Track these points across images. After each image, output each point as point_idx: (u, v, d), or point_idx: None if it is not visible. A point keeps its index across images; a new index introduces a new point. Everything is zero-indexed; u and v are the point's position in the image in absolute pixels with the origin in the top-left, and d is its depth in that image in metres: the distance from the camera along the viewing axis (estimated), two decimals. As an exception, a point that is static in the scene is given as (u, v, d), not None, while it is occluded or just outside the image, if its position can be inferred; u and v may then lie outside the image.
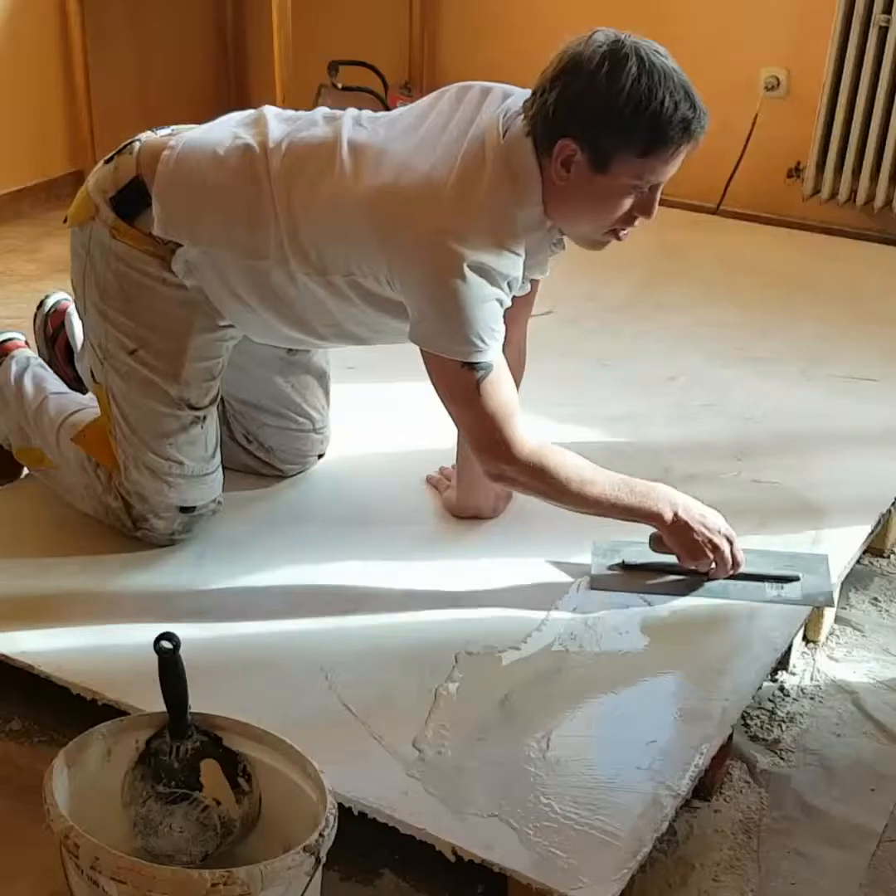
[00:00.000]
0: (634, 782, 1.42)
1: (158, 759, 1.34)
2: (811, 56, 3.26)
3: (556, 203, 1.58)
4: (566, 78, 1.51)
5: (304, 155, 1.64)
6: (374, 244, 1.57)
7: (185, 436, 1.77)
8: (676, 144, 1.53)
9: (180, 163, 1.66)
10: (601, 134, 1.51)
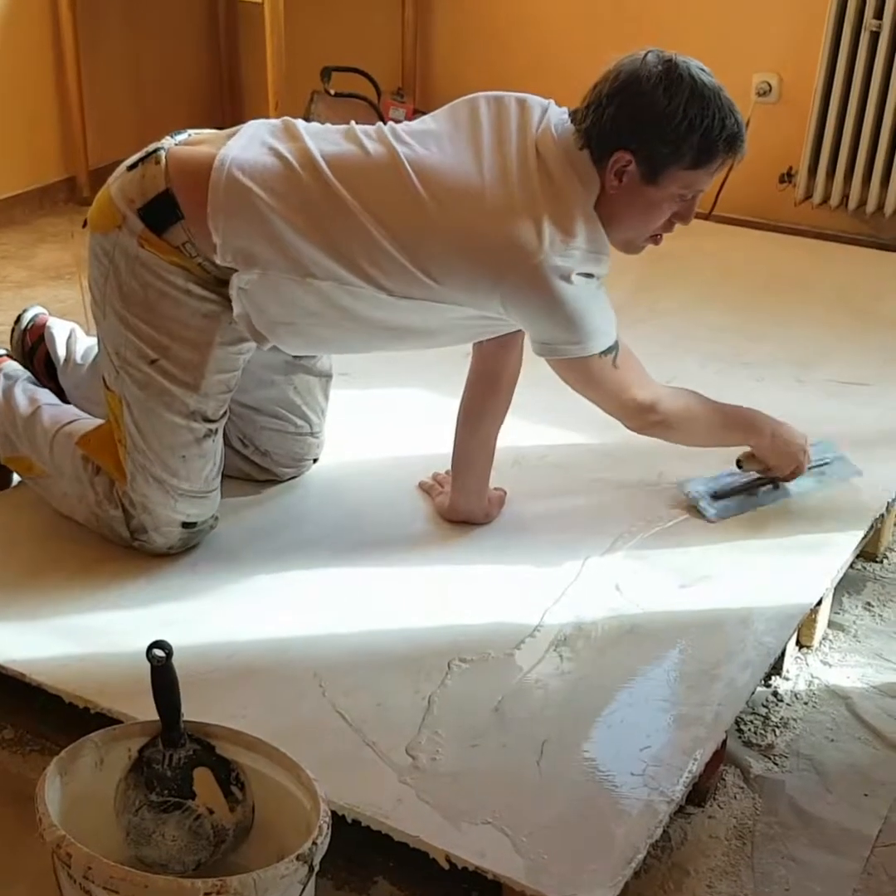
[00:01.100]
0: (628, 788, 1.42)
1: (151, 768, 1.33)
2: (803, 62, 3.27)
3: (605, 211, 1.68)
4: (624, 95, 1.61)
5: (369, 173, 1.65)
6: (486, 285, 1.64)
7: (198, 450, 1.76)
8: (723, 158, 1.66)
9: (230, 188, 1.64)
10: (656, 147, 1.61)
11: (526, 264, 1.61)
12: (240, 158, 1.67)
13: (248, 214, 1.64)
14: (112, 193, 1.71)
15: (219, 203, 1.64)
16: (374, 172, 1.65)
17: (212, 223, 1.65)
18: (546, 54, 3.51)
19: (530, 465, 2.10)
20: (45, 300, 2.01)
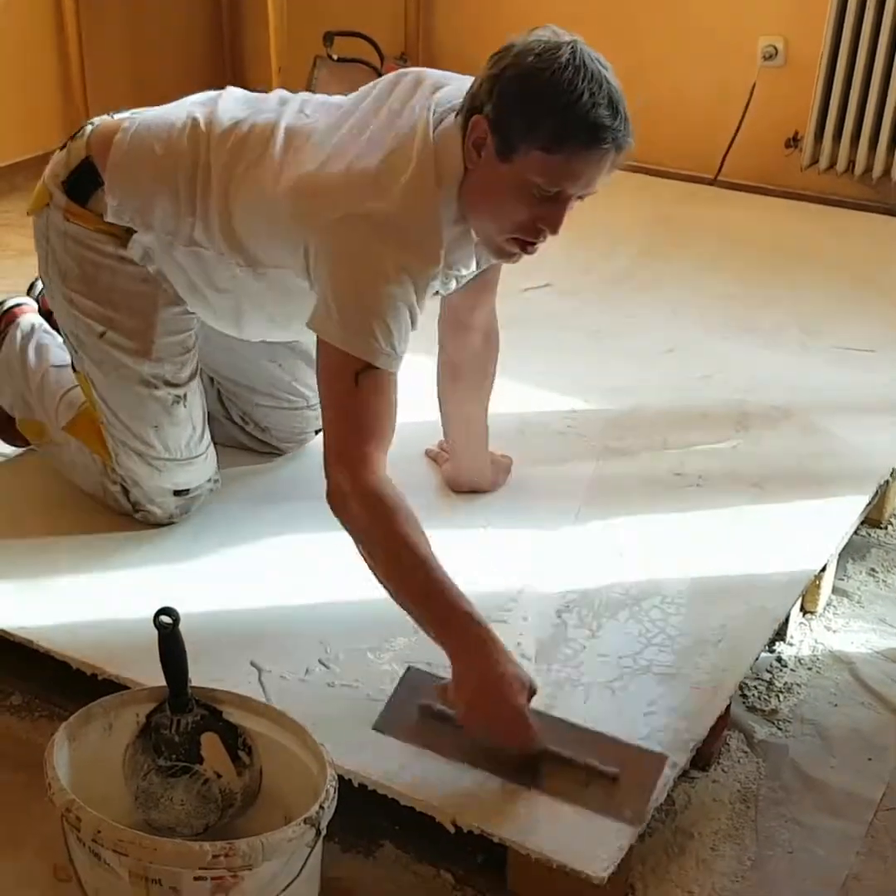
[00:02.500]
0: (633, 753, 1.43)
1: (159, 733, 1.34)
2: (809, 25, 3.24)
3: (469, 193, 1.50)
4: (502, 58, 1.44)
5: (245, 139, 1.61)
6: (293, 230, 1.53)
7: (169, 418, 1.75)
8: (582, 147, 1.41)
9: (132, 146, 1.64)
10: (510, 114, 1.42)
11: (342, 210, 1.46)
12: (148, 120, 1.66)
13: (138, 173, 1.63)
14: (45, 176, 1.72)
15: (118, 161, 1.64)
16: (251, 139, 1.60)
17: (108, 181, 1.64)
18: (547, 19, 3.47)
19: (535, 432, 2.09)
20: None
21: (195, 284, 1.69)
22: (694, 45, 3.41)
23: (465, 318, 1.79)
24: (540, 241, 1.51)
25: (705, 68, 3.41)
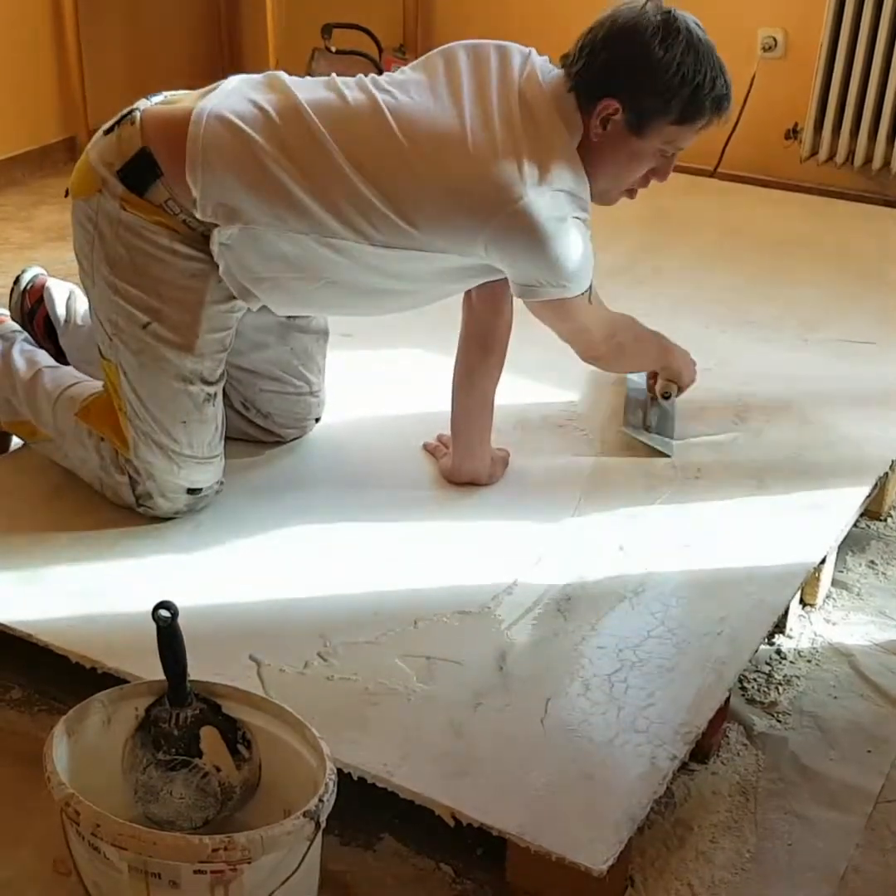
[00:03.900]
0: (632, 745, 1.43)
1: (158, 727, 1.34)
2: (809, 16, 3.23)
3: (585, 157, 1.66)
4: (620, 41, 1.60)
5: (353, 121, 1.63)
6: (468, 229, 1.62)
7: (199, 415, 1.76)
8: (709, 117, 1.65)
9: (208, 140, 1.62)
10: (645, 98, 1.61)
11: (510, 205, 1.59)
12: (218, 109, 1.65)
13: (226, 165, 1.62)
14: (91, 159, 1.70)
15: (197, 155, 1.62)
16: (355, 119, 1.63)
17: (190, 177, 1.62)
18: (547, 10, 3.46)
19: (535, 425, 2.09)
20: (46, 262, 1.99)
21: (278, 273, 1.68)
22: (693, 36, 3.40)
23: (500, 299, 1.83)
24: (645, 187, 1.76)
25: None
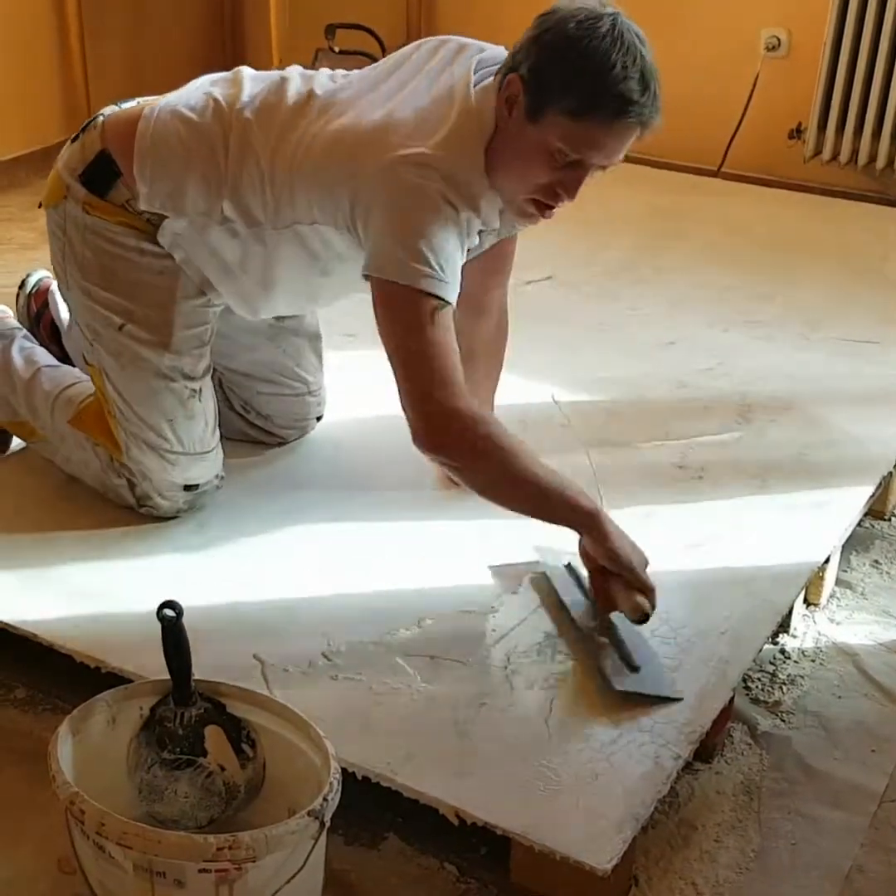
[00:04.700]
0: (637, 745, 1.43)
1: (163, 726, 1.34)
2: (812, 16, 3.23)
3: (495, 151, 1.54)
4: (540, 20, 1.50)
5: (278, 106, 1.63)
6: (338, 180, 1.56)
7: (184, 411, 1.76)
8: (610, 118, 1.46)
9: (157, 132, 1.65)
10: (543, 76, 1.47)
11: (387, 154, 1.50)
12: (172, 103, 1.67)
13: (168, 157, 1.64)
14: (58, 167, 1.73)
15: (145, 148, 1.65)
16: (285, 108, 1.62)
17: (137, 170, 1.65)
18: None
19: (537, 424, 2.09)
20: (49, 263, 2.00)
21: (227, 265, 1.70)
22: (697, 36, 3.40)
23: (480, 301, 1.81)
24: (558, 206, 1.56)
25: (708, 59, 3.41)
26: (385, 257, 1.52)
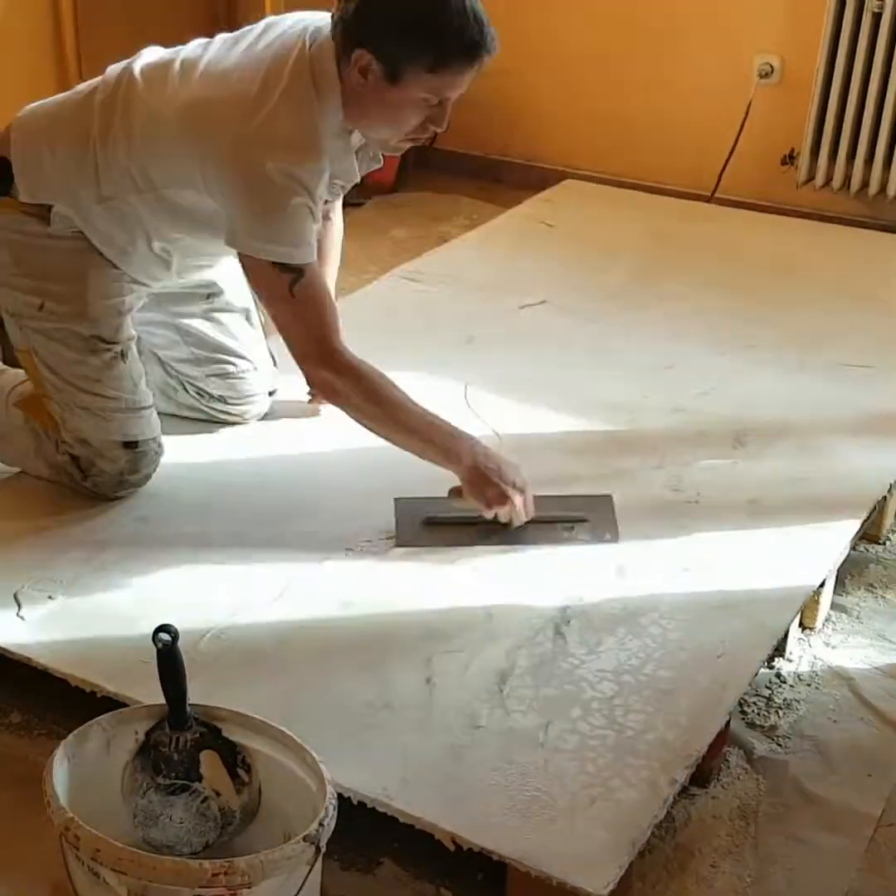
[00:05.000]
0: (632, 769, 1.43)
1: (158, 751, 1.34)
2: (805, 43, 3.26)
3: (355, 109, 1.69)
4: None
5: (146, 76, 1.76)
6: (188, 153, 1.70)
7: (110, 372, 1.86)
8: (462, 65, 1.64)
9: (24, 128, 1.81)
10: (392, 47, 1.62)
11: (232, 131, 1.65)
12: (38, 104, 1.84)
13: (36, 147, 1.79)
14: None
15: (18, 145, 1.80)
16: (154, 76, 1.75)
17: (14, 165, 1.79)
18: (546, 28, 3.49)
19: (534, 448, 2.09)
20: None
21: (113, 238, 1.81)
22: (691, 62, 3.43)
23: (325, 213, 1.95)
24: (427, 136, 1.76)
25: (702, 86, 3.43)
26: (242, 233, 1.70)
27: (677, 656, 1.62)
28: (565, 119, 3.60)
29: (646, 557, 1.82)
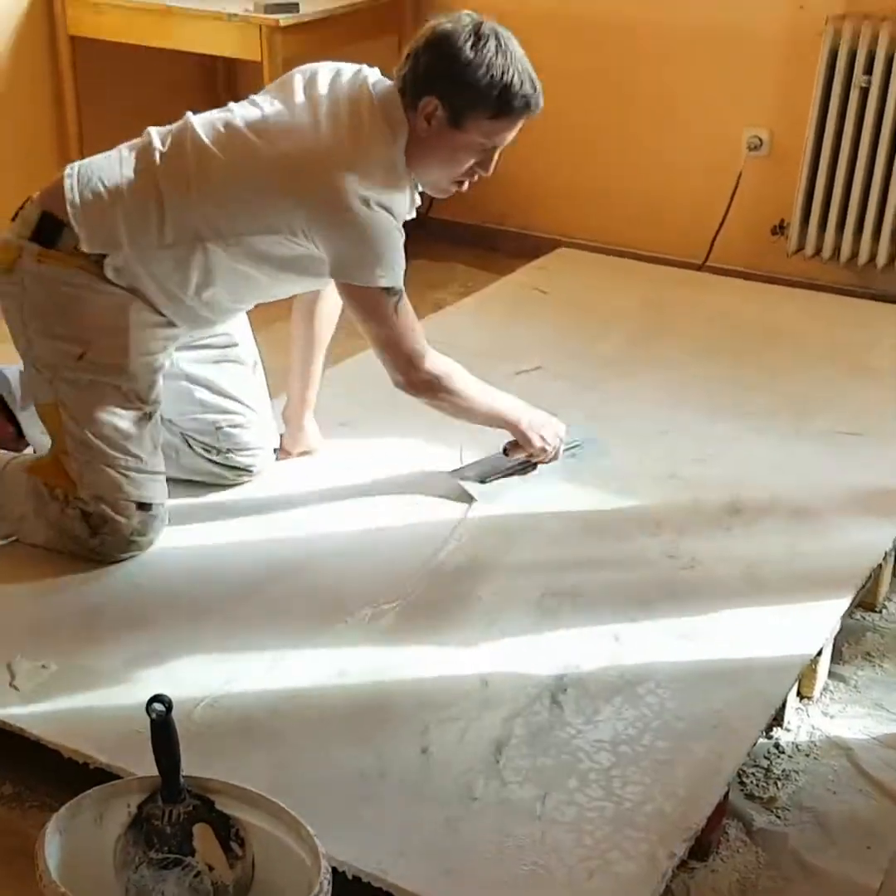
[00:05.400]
0: (631, 842, 1.42)
1: (151, 824, 1.33)
2: (793, 116, 3.32)
3: (415, 152, 1.88)
4: (437, 45, 1.83)
5: (219, 137, 1.86)
6: (285, 203, 1.82)
7: (137, 432, 1.91)
8: (518, 114, 1.87)
9: (83, 181, 1.86)
10: (460, 94, 1.83)
11: (328, 182, 1.79)
12: (87, 161, 1.92)
13: (93, 201, 1.85)
14: (6, 238, 1.92)
15: (75, 200, 1.85)
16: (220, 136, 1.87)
17: (72, 217, 1.85)
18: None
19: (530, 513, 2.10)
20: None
21: (167, 284, 1.88)
22: (682, 136, 3.49)
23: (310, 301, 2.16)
24: (473, 180, 1.96)
25: (693, 158, 3.49)
26: (352, 266, 1.86)
27: (674, 726, 1.61)
28: (559, 190, 3.65)
29: (642, 625, 1.82)
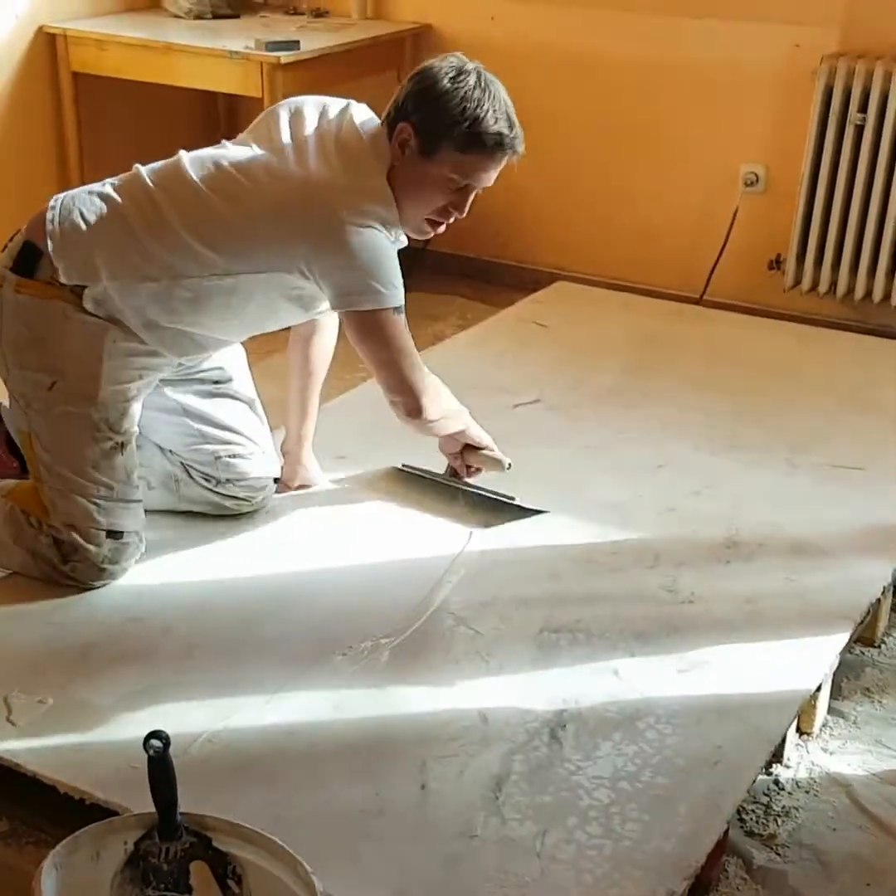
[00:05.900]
0: (631, 880, 1.41)
1: (147, 861, 1.32)
2: (789, 153, 3.34)
3: (393, 184, 1.89)
4: (418, 76, 1.88)
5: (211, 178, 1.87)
6: (286, 242, 1.84)
7: (108, 462, 1.91)
8: (490, 152, 1.87)
9: (64, 213, 1.88)
10: (432, 122, 1.85)
11: (327, 220, 1.82)
12: (71, 193, 1.93)
13: (74, 235, 1.86)
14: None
15: (55, 232, 1.86)
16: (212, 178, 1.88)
17: (52, 250, 1.86)
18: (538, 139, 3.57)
19: (527, 547, 2.10)
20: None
21: (147, 313, 1.88)
22: (679, 171, 3.51)
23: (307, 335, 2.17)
24: (449, 221, 1.95)
25: (690, 193, 3.52)
26: (359, 293, 1.86)
27: (674, 762, 1.60)
28: (557, 224, 3.68)
29: (641, 659, 1.82)
